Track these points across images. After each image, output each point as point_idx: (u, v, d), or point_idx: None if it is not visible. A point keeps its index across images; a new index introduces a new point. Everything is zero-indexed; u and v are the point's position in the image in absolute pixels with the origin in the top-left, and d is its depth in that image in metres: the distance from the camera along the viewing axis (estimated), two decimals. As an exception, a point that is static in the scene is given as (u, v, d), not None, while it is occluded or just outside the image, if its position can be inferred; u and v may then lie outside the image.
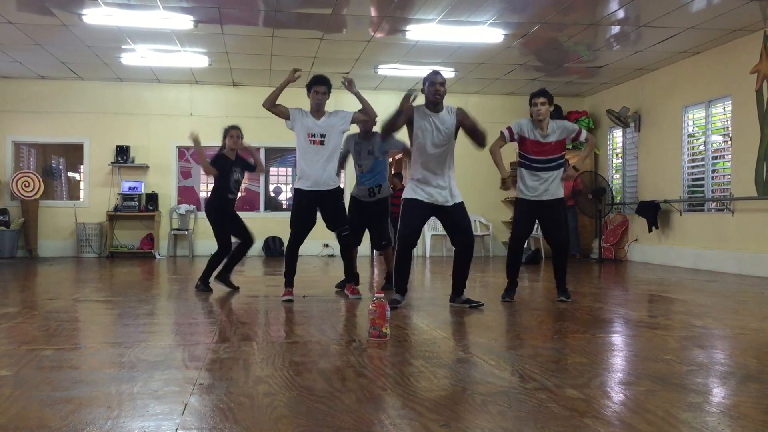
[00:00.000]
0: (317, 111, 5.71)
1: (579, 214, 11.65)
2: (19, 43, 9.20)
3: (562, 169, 5.66)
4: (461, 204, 5.21)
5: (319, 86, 5.68)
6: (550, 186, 5.55)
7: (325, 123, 5.67)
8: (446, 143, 5.11)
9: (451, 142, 5.17)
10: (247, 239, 6.61)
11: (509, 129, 5.70)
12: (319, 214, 5.74)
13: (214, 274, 6.43)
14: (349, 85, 5.60)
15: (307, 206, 5.63)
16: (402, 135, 5.66)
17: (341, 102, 12.14)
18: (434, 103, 5.12)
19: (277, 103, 5.66)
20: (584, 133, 5.75)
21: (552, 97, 5.76)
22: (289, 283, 5.62)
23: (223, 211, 6.48)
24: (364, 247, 7.00)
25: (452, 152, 5.20)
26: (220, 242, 6.41)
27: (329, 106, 5.86)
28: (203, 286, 6.33)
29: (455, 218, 5.16)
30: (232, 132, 6.59)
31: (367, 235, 6.46)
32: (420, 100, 5.18)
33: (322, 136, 5.62)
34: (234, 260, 6.52)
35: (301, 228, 5.65)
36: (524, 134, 5.62)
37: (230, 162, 6.49)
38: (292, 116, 5.69)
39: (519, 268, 5.73)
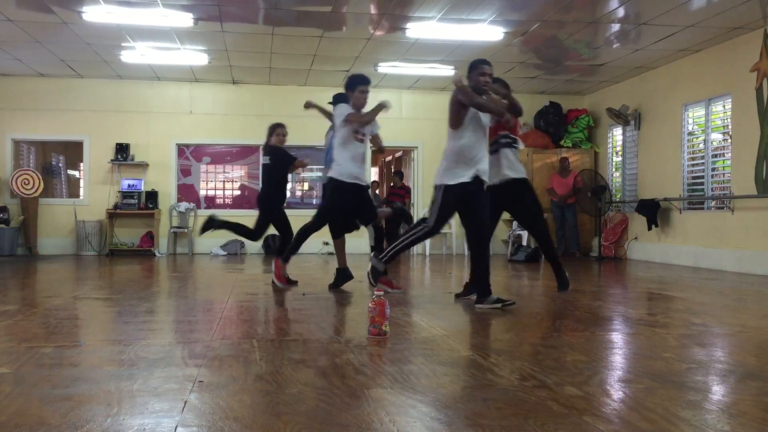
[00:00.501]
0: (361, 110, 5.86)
1: (579, 212, 11.65)
2: (18, 41, 9.19)
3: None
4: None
5: (366, 86, 5.83)
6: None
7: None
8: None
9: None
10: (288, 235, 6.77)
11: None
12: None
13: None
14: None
15: (350, 200, 5.79)
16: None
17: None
18: (480, 92, 5.04)
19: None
20: None
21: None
22: (287, 258, 5.85)
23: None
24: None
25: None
26: (286, 232, 6.70)
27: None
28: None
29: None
30: (279, 130, 6.75)
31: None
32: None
33: (363, 134, 5.83)
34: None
35: (332, 220, 5.94)
36: None
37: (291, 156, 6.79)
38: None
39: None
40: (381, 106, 5.61)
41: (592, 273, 8.60)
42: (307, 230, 5.94)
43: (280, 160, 6.70)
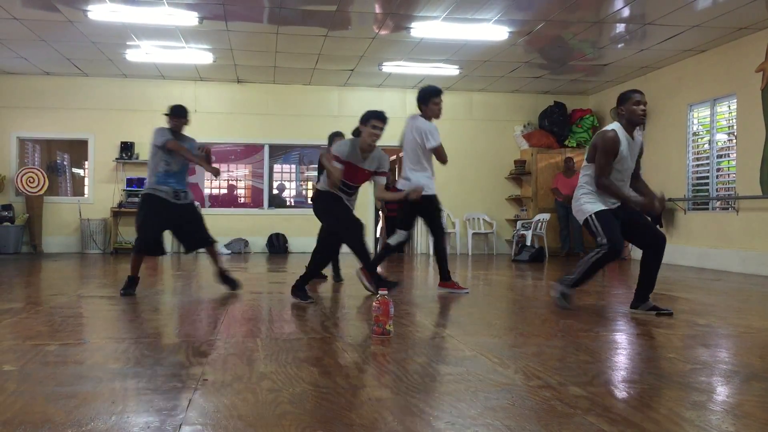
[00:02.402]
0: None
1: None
2: (24, 39, 9.21)
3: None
4: None
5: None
6: None
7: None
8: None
9: None
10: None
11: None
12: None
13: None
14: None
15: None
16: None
17: (345, 99, 12.16)
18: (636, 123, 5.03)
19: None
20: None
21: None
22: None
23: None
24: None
25: None
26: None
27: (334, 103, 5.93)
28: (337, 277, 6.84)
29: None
30: (336, 139, 6.64)
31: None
32: None
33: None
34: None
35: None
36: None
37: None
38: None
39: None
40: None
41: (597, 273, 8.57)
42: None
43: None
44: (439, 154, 5.85)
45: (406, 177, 5.91)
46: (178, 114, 5.75)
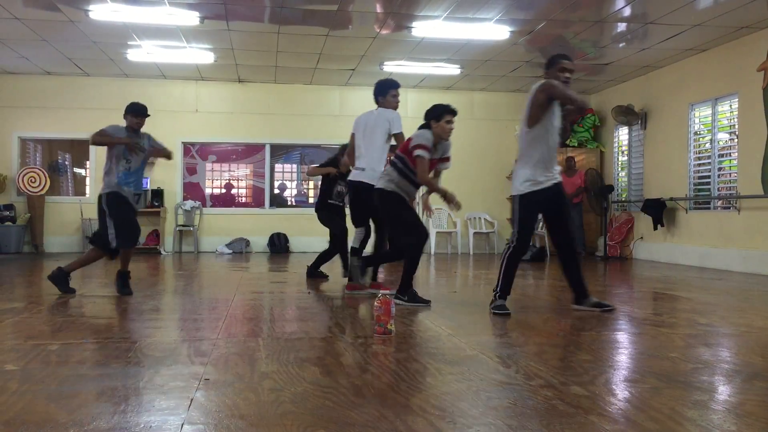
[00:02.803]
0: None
1: (584, 212, 11.63)
2: (25, 39, 9.22)
3: None
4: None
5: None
6: None
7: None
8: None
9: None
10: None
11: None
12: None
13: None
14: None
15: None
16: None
17: (346, 98, 12.16)
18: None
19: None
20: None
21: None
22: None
23: (327, 212, 7.16)
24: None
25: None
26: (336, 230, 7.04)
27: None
28: (313, 271, 7.04)
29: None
30: (349, 151, 6.65)
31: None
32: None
33: None
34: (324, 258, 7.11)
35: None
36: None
37: (338, 175, 7.04)
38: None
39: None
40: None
41: (598, 273, 8.58)
42: None
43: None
44: (400, 141, 5.73)
45: (371, 168, 5.76)
46: (136, 112, 5.72)
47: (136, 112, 5.73)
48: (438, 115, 5.14)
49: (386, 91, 5.95)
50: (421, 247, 5.17)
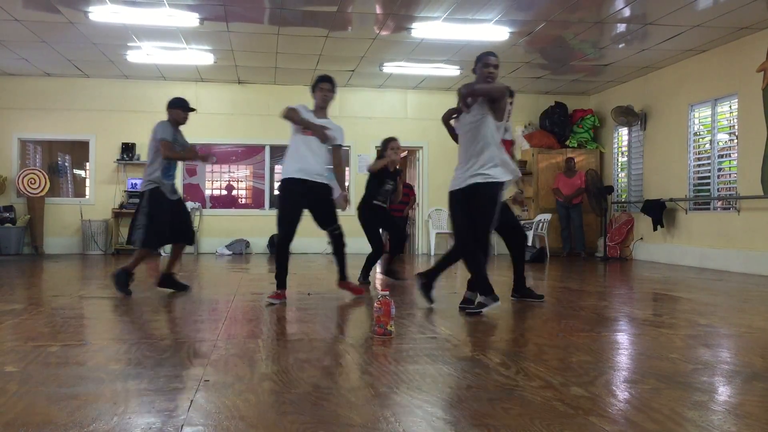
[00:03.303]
0: (321, 108, 5.61)
1: (584, 213, 11.64)
2: (25, 41, 9.22)
3: None
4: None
5: (325, 83, 5.59)
6: None
7: (322, 123, 5.49)
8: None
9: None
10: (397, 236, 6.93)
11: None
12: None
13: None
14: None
15: (297, 195, 5.39)
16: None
17: (346, 99, 12.16)
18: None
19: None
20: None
21: None
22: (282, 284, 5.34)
23: (372, 215, 6.81)
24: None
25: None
26: (371, 244, 6.77)
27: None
28: (363, 279, 6.68)
29: None
30: (393, 144, 6.64)
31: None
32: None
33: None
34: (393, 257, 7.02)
35: (291, 223, 5.45)
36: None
37: (385, 173, 6.72)
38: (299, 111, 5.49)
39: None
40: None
41: (598, 273, 8.58)
42: None
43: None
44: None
45: (329, 175, 5.65)
46: (184, 106, 5.79)
47: (184, 106, 5.83)
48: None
49: (315, 87, 5.76)
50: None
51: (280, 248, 5.44)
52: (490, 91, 4.66)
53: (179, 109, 5.84)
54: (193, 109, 5.95)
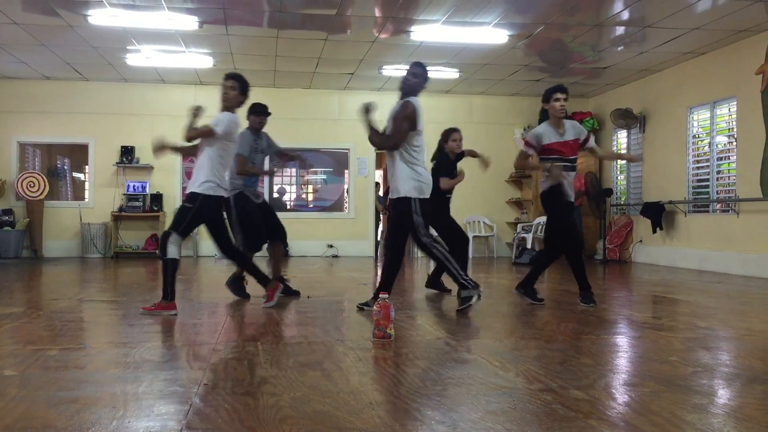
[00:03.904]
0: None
1: (584, 215, 11.63)
2: (24, 44, 9.22)
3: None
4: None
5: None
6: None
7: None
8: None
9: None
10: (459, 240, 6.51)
11: (527, 143, 5.43)
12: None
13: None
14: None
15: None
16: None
17: (345, 102, 12.16)
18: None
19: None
20: (592, 139, 5.62)
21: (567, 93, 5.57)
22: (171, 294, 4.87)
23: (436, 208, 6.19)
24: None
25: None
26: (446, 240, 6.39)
27: None
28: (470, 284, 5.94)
29: None
30: (454, 135, 6.43)
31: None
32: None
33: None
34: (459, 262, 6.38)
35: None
36: (543, 141, 5.34)
37: (451, 164, 6.50)
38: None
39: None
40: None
41: (597, 276, 8.58)
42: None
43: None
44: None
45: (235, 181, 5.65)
46: (259, 112, 5.90)
47: (259, 112, 5.91)
48: (546, 97, 5.50)
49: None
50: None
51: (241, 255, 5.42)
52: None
53: (253, 115, 5.91)
54: (266, 113, 5.99)
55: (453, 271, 4.89)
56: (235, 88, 5.14)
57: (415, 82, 5.03)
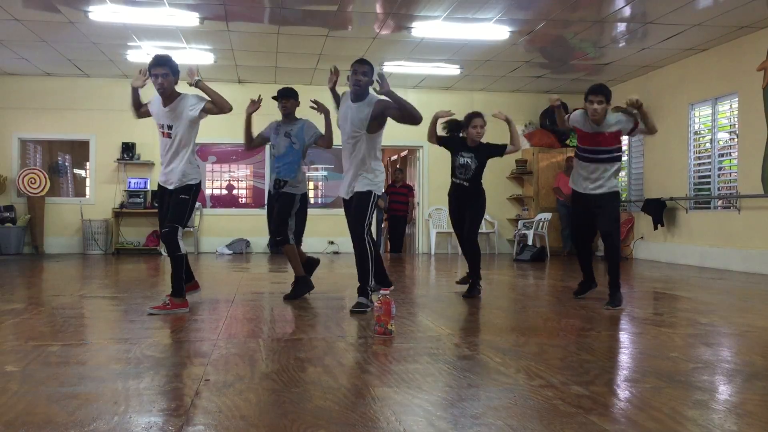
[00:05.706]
0: (167, 98, 5.21)
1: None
2: (25, 40, 9.22)
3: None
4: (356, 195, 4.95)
5: (157, 68, 5.10)
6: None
7: (170, 110, 5.17)
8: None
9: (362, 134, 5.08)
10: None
11: (569, 117, 5.60)
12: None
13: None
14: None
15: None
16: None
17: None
18: (354, 93, 5.13)
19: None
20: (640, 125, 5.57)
21: (609, 94, 5.41)
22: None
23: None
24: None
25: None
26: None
27: None
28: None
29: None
30: (475, 122, 6.05)
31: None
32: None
33: (169, 127, 5.19)
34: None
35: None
36: (574, 123, 5.44)
37: (462, 145, 6.12)
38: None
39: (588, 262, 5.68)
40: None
41: (598, 272, 8.57)
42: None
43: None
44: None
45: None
46: (276, 96, 6.14)
47: (276, 96, 6.13)
48: (585, 97, 5.38)
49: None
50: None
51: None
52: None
53: (276, 100, 6.08)
54: (281, 97, 6.28)
55: (366, 275, 4.81)
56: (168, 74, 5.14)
57: (366, 81, 5.02)
